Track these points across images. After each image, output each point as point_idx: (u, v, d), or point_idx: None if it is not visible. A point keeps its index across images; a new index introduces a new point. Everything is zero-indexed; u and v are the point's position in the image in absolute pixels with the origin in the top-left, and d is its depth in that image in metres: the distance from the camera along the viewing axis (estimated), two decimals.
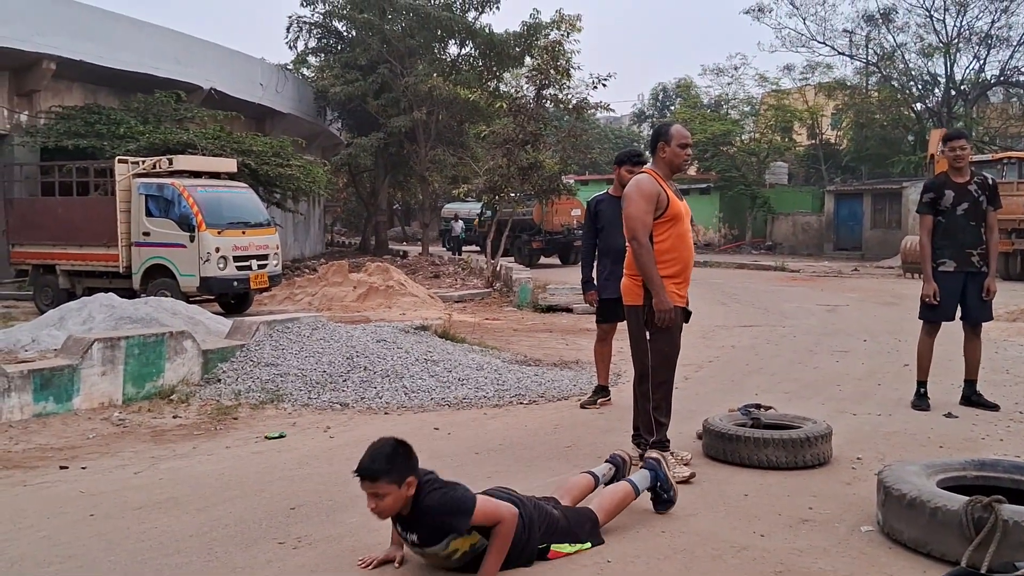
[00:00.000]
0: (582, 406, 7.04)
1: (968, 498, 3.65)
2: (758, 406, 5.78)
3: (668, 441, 5.11)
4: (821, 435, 5.22)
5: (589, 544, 3.91)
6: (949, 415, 6.55)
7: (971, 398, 6.88)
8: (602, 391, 7.16)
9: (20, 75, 19.88)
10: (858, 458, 5.38)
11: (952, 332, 7.11)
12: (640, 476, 4.35)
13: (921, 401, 6.85)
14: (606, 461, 4.56)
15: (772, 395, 7.12)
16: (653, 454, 4.53)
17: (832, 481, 4.93)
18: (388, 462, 3.38)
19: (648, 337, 5.06)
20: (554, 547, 3.81)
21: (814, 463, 5.15)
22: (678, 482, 4.74)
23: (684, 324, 5.16)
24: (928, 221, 6.87)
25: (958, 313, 6.86)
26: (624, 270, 5.26)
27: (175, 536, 4.11)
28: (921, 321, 7.00)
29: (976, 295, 6.75)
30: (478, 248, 29.01)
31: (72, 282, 15.16)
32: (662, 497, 4.36)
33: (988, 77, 34.95)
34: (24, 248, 15.72)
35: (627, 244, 5.12)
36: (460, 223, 33.56)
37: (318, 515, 4.36)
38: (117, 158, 15.13)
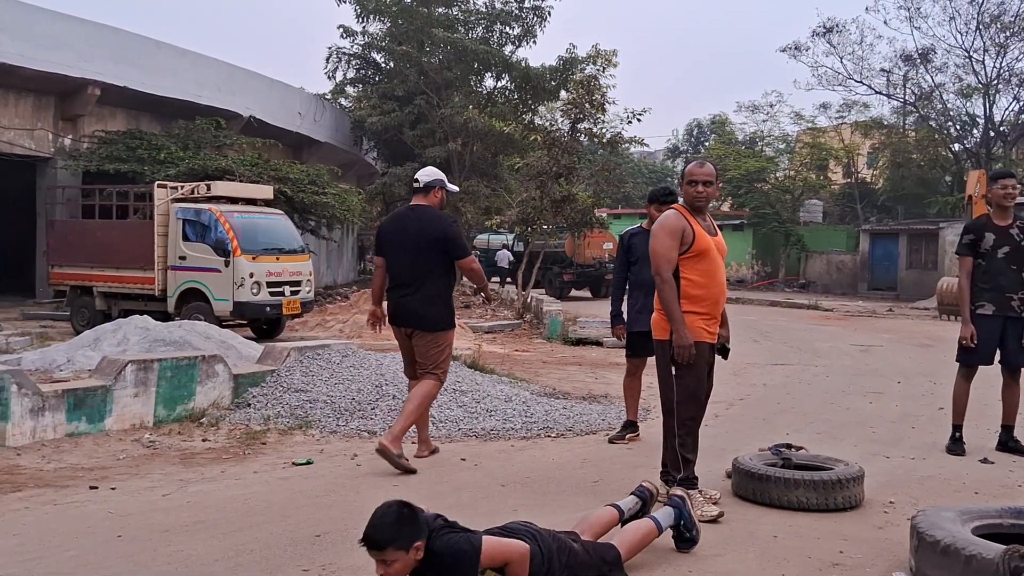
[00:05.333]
0: (610, 441, 6.99)
1: (1005, 547, 3.57)
2: (789, 446, 5.71)
3: (696, 478, 5.05)
4: (853, 477, 5.14)
5: None
6: (985, 461, 6.43)
7: (1008, 444, 6.74)
8: (631, 426, 7.11)
9: (66, 100, 20.37)
10: (891, 502, 5.29)
11: (989, 376, 6.99)
12: (664, 514, 4.30)
13: (956, 446, 6.73)
14: (632, 494, 4.52)
15: (803, 435, 7.03)
16: (678, 492, 4.50)
17: (864, 525, 4.85)
18: (395, 529, 3.23)
19: (674, 373, 5.04)
20: None
21: (845, 506, 5.08)
22: (706, 521, 4.69)
23: (724, 360, 5.13)
24: (968, 263, 6.78)
25: (997, 357, 6.75)
26: (654, 304, 5.24)
27: (201, 560, 4.12)
28: (957, 364, 6.89)
29: (1015, 340, 6.64)
30: (510, 280, 28.95)
31: (108, 304, 15.32)
32: (684, 536, 4.30)
33: None
34: (63, 269, 15.95)
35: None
36: (507, 252, 31.64)
37: (343, 543, 4.35)
38: (156, 183, 15.38)
